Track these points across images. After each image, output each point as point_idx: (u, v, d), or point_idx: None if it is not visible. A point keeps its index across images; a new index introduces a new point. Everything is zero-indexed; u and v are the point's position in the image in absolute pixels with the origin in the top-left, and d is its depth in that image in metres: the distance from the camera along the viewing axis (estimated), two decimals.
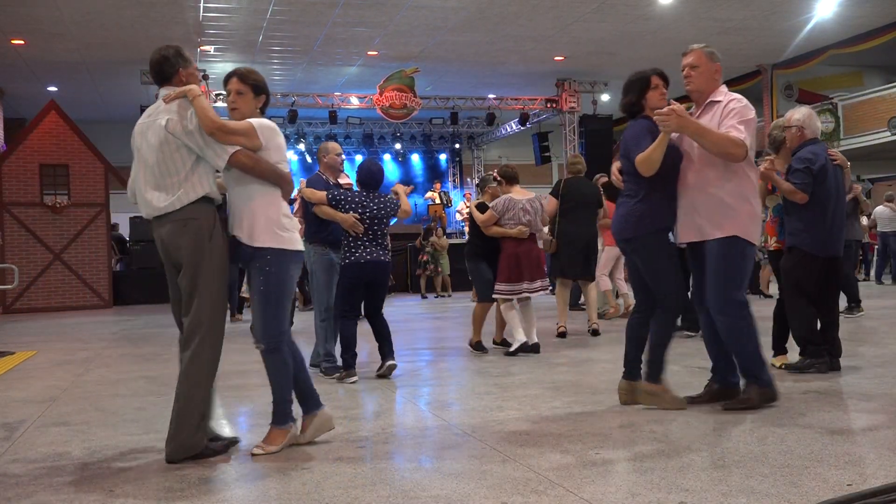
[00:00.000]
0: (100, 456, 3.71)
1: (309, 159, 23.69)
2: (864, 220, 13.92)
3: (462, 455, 3.48)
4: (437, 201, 21.23)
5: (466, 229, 8.88)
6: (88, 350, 8.43)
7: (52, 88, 18.98)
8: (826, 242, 5.27)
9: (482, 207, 7.13)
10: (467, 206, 14.26)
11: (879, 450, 3.31)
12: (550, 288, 7.39)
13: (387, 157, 24.92)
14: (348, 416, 4.49)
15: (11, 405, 5.18)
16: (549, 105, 20.68)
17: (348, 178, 6.87)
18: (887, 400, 4.35)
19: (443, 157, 25.54)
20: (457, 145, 25.24)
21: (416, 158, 25.09)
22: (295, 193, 5.52)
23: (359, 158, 24.83)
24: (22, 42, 15.44)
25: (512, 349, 6.78)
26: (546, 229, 7.99)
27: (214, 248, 3.62)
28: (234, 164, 3.61)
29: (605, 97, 21.17)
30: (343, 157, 6.48)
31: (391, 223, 6.08)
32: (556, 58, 18.31)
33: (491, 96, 20.85)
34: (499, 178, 7.20)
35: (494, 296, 6.95)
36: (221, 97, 18.27)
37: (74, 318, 13.90)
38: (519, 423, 4.08)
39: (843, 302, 9.27)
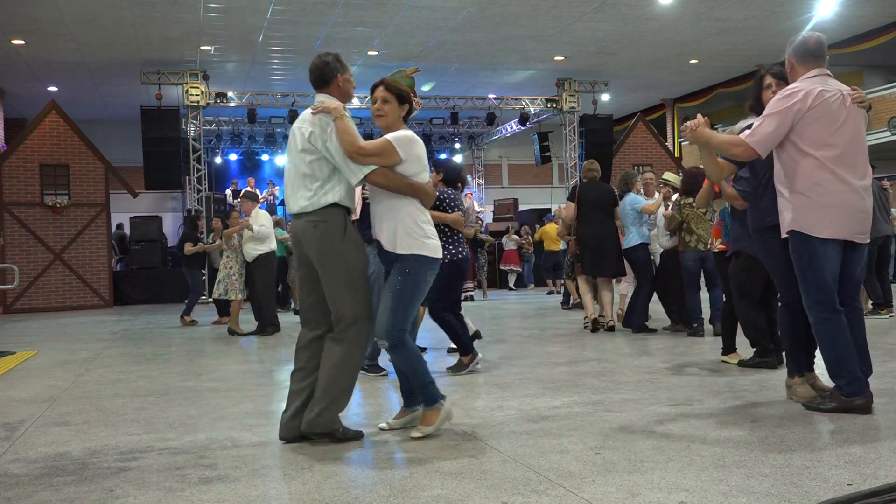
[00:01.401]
0: (100, 456, 3.71)
1: None
2: None
3: (462, 455, 3.48)
4: None
5: None
6: (88, 350, 8.44)
7: (52, 88, 18.98)
8: None
9: None
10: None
11: (879, 450, 3.31)
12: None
13: None
14: (348, 415, 4.49)
15: (11, 405, 5.19)
16: (549, 105, 20.68)
17: None
18: (887, 400, 4.36)
19: (443, 157, 25.53)
20: (457, 145, 25.23)
21: None
22: None
23: None
24: (22, 42, 15.44)
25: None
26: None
27: (348, 246, 3.83)
28: (369, 183, 3.83)
29: (605, 97, 21.17)
30: None
31: None
32: (556, 58, 18.31)
33: (491, 96, 20.87)
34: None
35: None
36: (222, 98, 18.28)
37: (74, 318, 13.90)
38: (519, 423, 4.08)
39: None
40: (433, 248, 3.88)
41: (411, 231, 3.83)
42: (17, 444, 4.01)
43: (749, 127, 4.40)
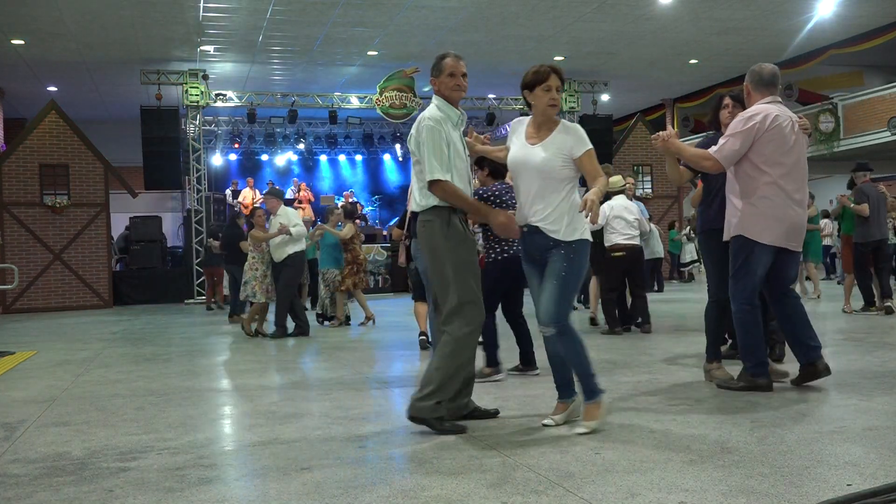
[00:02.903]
0: (99, 456, 3.70)
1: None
2: None
3: (462, 455, 3.48)
4: None
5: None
6: (88, 350, 8.44)
7: (52, 88, 18.99)
8: None
9: None
10: None
11: (879, 450, 3.31)
12: None
13: (386, 157, 24.88)
14: (348, 416, 4.50)
15: (11, 405, 5.18)
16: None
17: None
18: (887, 400, 4.36)
19: None
20: None
21: None
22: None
23: (359, 159, 24.81)
24: (22, 42, 15.44)
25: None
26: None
27: (451, 242, 3.97)
28: (430, 191, 3.97)
29: (605, 97, 21.17)
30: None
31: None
32: (556, 58, 18.31)
33: (491, 96, 20.87)
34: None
35: None
36: (222, 98, 18.27)
37: (74, 318, 13.90)
38: (519, 423, 4.08)
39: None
40: (588, 231, 3.94)
41: (570, 216, 3.85)
42: (17, 444, 4.01)
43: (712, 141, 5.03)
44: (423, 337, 7.56)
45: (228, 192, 21.33)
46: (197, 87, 17.84)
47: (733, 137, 4.59)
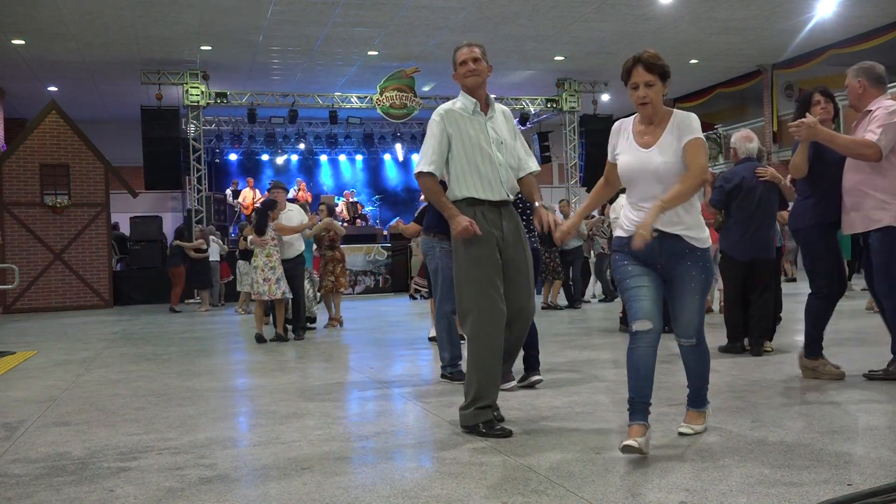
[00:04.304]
0: (100, 456, 3.71)
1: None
2: None
3: (462, 455, 3.48)
4: None
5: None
6: (88, 350, 8.44)
7: (52, 88, 18.98)
8: (741, 248, 6.10)
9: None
10: None
11: (879, 450, 3.31)
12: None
13: (387, 157, 24.87)
14: (348, 415, 4.50)
15: (11, 405, 5.19)
16: (549, 105, 20.68)
17: None
18: (887, 400, 4.36)
19: None
20: None
21: (416, 159, 25.01)
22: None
23: (359, 158, 24.81)
24: (22, 42, 15.44)
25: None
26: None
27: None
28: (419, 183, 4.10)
29: (605, 97, 21.16)
30: None
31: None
32: (556, 58, 18.31)
33: (492, 97, 20.86)
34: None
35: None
36: (222, 98, 18.26)
37: (74, 318, 13.90)
38: (519, 423, 4.08)
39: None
40: (709, 236, 3.74)
41: (694, 220, 3.57)
42: (17, 444, 4.01)
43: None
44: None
45: (229, 191, 21.34)
46: (197, 87, 17.85)
47: (886, 128, 4.59)
